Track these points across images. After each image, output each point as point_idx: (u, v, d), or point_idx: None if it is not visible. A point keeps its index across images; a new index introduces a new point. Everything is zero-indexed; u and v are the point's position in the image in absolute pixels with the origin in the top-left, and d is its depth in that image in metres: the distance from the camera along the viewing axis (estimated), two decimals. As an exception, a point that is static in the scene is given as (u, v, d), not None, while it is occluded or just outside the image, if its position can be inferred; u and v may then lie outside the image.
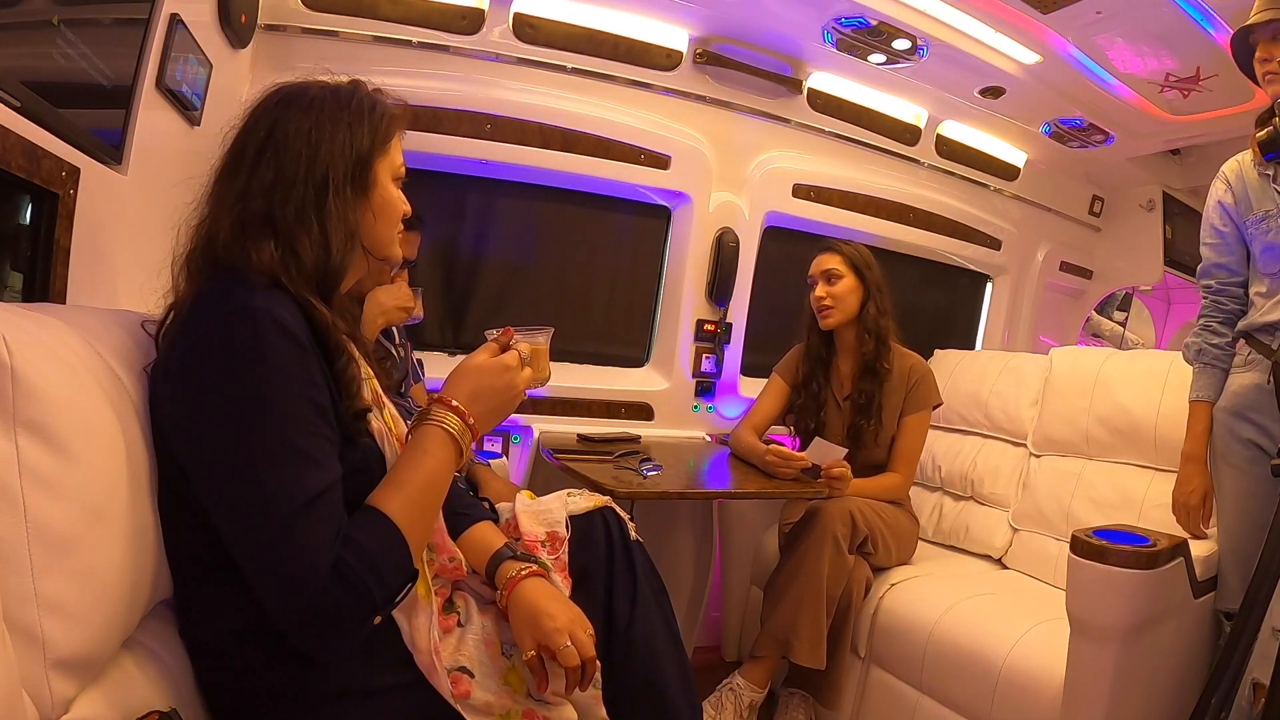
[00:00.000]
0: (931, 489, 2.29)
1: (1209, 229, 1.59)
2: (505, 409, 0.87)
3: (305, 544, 0.70)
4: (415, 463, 0.80)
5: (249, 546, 0.72)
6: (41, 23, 0.90)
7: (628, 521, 1.10)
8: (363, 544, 0.72)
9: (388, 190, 0.88)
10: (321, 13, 1.77)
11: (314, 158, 0.82)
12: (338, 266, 0.82)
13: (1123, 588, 1.23)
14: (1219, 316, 1.58)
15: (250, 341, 0.72)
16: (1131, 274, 3.17)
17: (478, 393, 0.84)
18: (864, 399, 1.93)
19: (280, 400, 0.72)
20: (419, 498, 0.78)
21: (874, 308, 1.94)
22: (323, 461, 0.74)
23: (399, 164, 0.90)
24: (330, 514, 0.72)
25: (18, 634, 0.57)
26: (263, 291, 0.75)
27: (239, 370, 0.71)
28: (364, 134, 0.85)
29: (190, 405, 0.74)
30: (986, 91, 2.32)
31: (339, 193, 0.82)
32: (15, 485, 0.58)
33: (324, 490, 0.72)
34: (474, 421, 0.83)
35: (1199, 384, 1.58)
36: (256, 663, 0.78)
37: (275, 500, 0.70)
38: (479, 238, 2.16)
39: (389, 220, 0.89)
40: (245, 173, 0.82)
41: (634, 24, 2.06)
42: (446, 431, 0.81)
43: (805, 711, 1.71)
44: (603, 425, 2.14)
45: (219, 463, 0.72)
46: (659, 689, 1.01)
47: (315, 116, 0.84)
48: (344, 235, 0.83)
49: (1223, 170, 1.58)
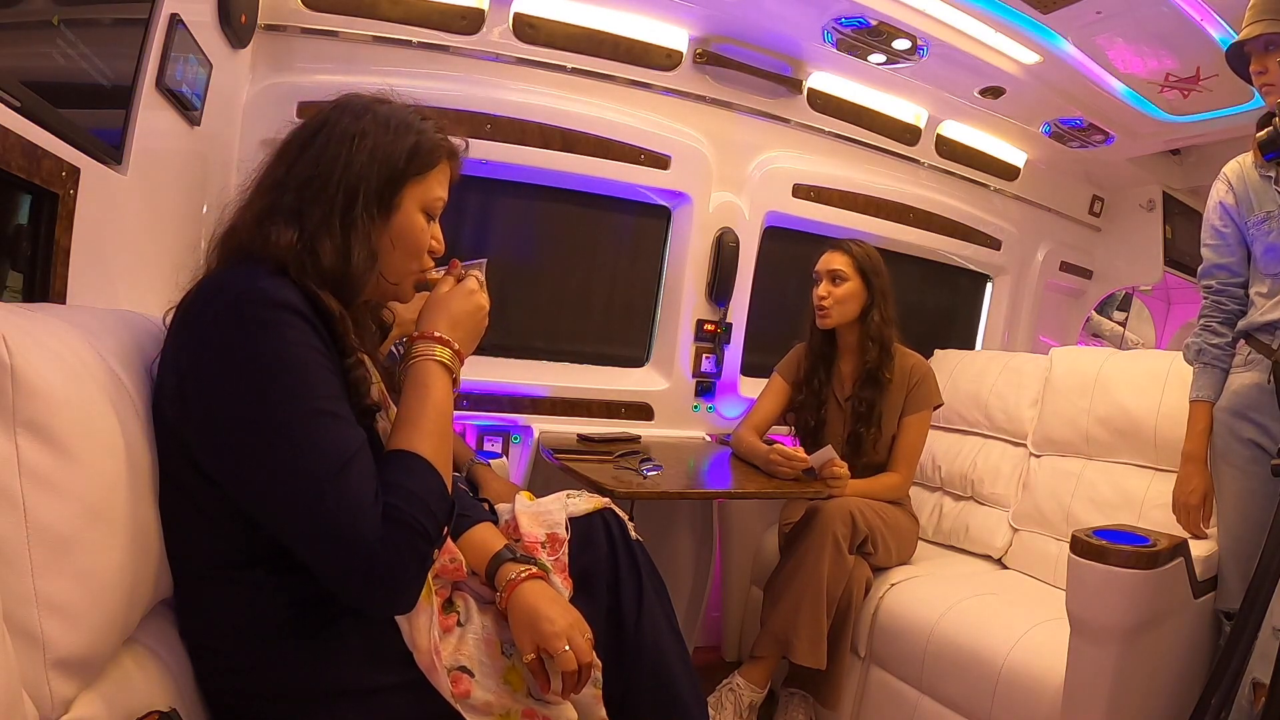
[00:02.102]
0: (931, 489, 2.29)
1: (1210, 230, 1.59)
2: (479, 330, 0.91)
3: (355, 500, 0.71)
4: (421, 399, 0.82)
5: (296, 517, 0.72)
6: (41, 23, 0.90)
7: (627, 522, 1.10)
8: (403, 484, 0.75)
9: (412, 218, 0.88)
10: (321, 13, 1.77)
11: (349, 164, 0.83)
12: (356, 278, 0.83)
13: (1123, 588, 1.23)
14: (1219, 317, 1.58)
15: (261, 318, 0.73)
16: (1131, 274, 3.16)
17: (456, 320, 0.87)
18: (864, 406, 1.92)
19: (300, 367, 0.73)
20: (435, 429, 0.81)
21: (878, 315, 1.91)
22: (351, 422, 0.76)
23: (434, 198, 0.90)
24: (369, 468, 0.74)
25: (18, 634, 0.57)
26: (269, 278, 0.76)
27: (254, 345, 0.72)
28: (401, 154, 0.86)
29: (206, 390, 0.74)
30: (986, 91, 2.31)
31: (366, 208, 0.84)
32: (15, 485, 0.57)
33: (360, 448, 0.74)
34: (459, 347, 0.86)
35: (1199, 384, 1.58)
36: (257, 663, 0.79)
37: (316, 463, 0.71)
38: (479, 238, 2.16)
39: (407, 252, 0.89)
40: (287, 164, 0.84)
41: (634, 24, 2.06)
42: (439, 363, 0.84)
43: (805, 711, 1.71)
44: (603, 425, 2.14)
45: (247, 442, 0.72)
46: (668, 686, 1.01)
47: (362, 125, 0.85)
48: (366, 252, 0.84)
49: (1224, 171, 1.59)
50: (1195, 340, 1.60)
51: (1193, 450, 1.57)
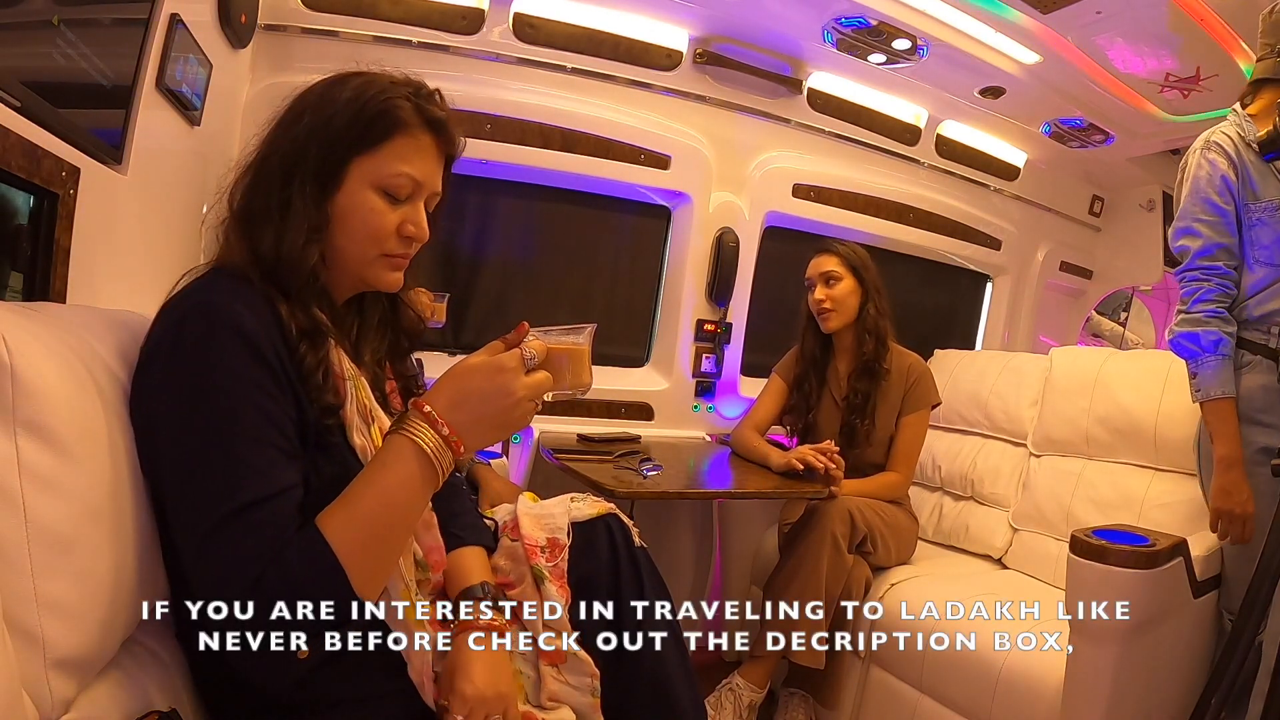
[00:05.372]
0: (931, 489, 2.29)
1: (1207, 205, 1.42)
2: (499, 419, 0.72)
3: (226, 553, 0.65)
4: (371, 478, 0.70)
5: (180, 545, 0.71)
6: (41, 23, 0.90)
7: (632, 528, 1.09)
8: (290, 567, 0.65)
9: (358, 197, 0.78)
10: (321, 13, 1.77)
11: (290, 145, 0.78)
12: (291, 260, 0.75)
13: (1122, 588, 1.23)
14: (1227, 302, 1.42)
15: (200, 342, 0.69)
16: (1131, 274, 3.17)
17: (461, 398, 0.71)
18: (859, 398, 1.93)
19: (223, 404, 0.68)
20: (371, 520, 0.68)
21: (873, 308, 1.94)
22: (263, 470, 0.68)
23: (391, 174, 0.79)
24: (266, 526, 0.66)
25: (18, 634, 0.57)
26: (228, 289, 0.72)
27: (184, 371, 0.69)
28: (341, 124, 0.77)
29: (143, 400, 0.73)
30: (986, 91, 2.32)
31: (301, 185, 0.76)
32: (15, 485, 0.58)
33: (260, 500, 0.67)
34: (451, 433, 0.70)
35: (1221, 378, 1.39)
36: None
37: (203, 504, 0.67)
38: (479, 238, 2.16)
39: (354, 235, 0.79)
40: (244, 167, 0.82)
41: (634, 24, 2.06)
42: (414, 443, 0.69)
43: (805, 711, 1.71)
44: (603, 425, 2.14)
45: (163, 460, 0.71)
46: (667, 697, 1.00)
47: (304, 103, 0.80)
48: (302, 231, 0.76)
49: (1215, 142, 1.44)
50: (1207, 332, 1.41)
51: (1233, 454, 1.39)
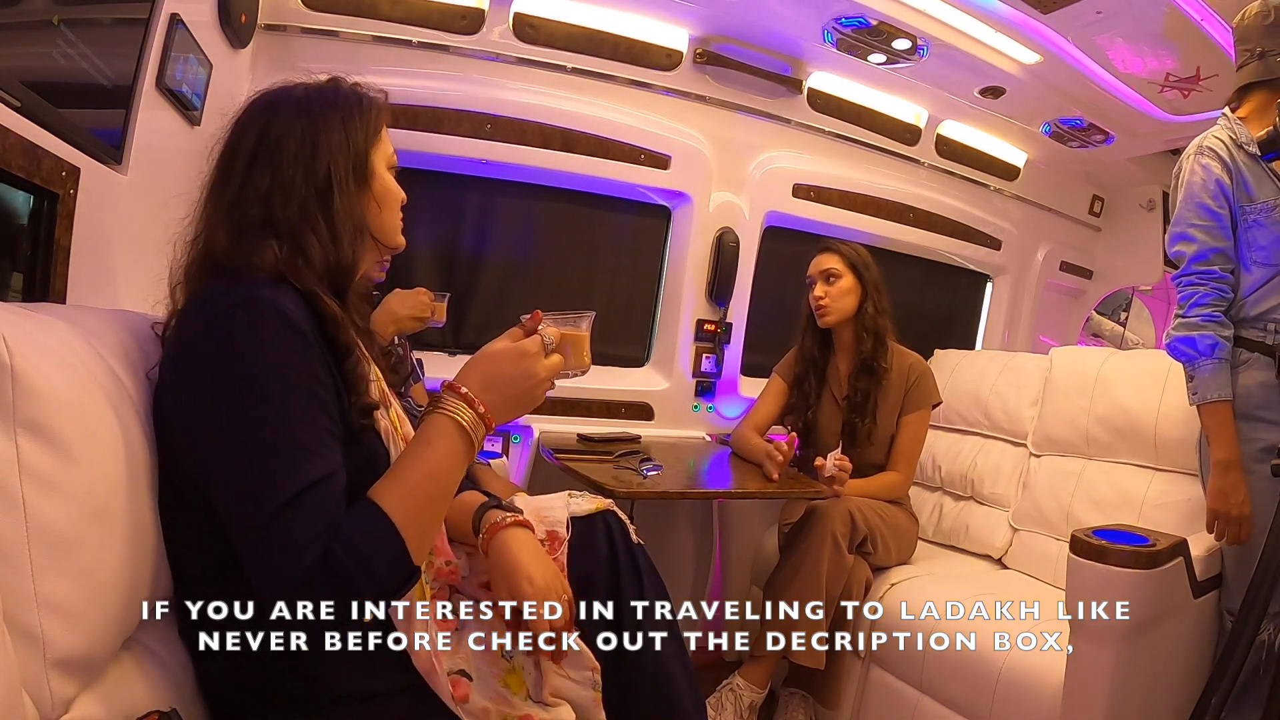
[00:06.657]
0: (931, 489, 2.29)
1: (1202, 210, 1.44)
2: (524, 398, 0.80)
3: (291, 535, 0.69)
4: (417, 453, 0.76)
5: (241, 535, 0.72)
6: (41, 23, 0.90)
7: (629, 524, 1.10)
8: (353, 537, 0.70)
9: (386, 179, 0.90)
10: (321, 13, 1.77)
11: (313, 156, 0.83)
12: (350, 261, 0.84)
13: (1122, 587, 1.23)
14: (1223, 306, 1.44)
15: (250, 331, 0.72)
16: (1131, 274, 3.17)
17: (492, 380, 0.79)
18: (860, 397, 1.93)
19: (277, 389, 0.72)
20: (420, 490, 0.75)
21: (872, 306, 1.94)
22: (319, 451, 0.73)
23: (391, 153, 0.92)
24: (323, 505, 0.71)
25: (18, 634, 0.57)
26: (268, 285, 0.75)
27: (237, 359, 0.71)
28: (357, 128, 0.86)
29: (190, 394, 0.74)
30: (986, 91, 2.32)
31: (343, 189, 0.83)
32: (15, 485, 0.58)
33: (317, 481, 0.71)
34: (485, 411, 0.77)
35: (1218, 382, 1.42)
36: (255, 665, 0.78)
37: (264, 490, 0.69)
38: (479, 238, 2.16)
39: (391, 208, 0.91)
40: (238, 182, 0.82)
41: (634, 24, 2.06)
42: (454, 420, 0.76)
43: (805, 711, 1.72)
44: (603, 425, 2.14)
45: (216, 452, 0.72)
46: (667, 694, 1.01)
47: (308, 116, 0.85)
48: (353, 229, 0.84)
49: (1208, 147, 1.46)
50: (1203, 336, 1.42)
51: (1232, 456, 1.41)
